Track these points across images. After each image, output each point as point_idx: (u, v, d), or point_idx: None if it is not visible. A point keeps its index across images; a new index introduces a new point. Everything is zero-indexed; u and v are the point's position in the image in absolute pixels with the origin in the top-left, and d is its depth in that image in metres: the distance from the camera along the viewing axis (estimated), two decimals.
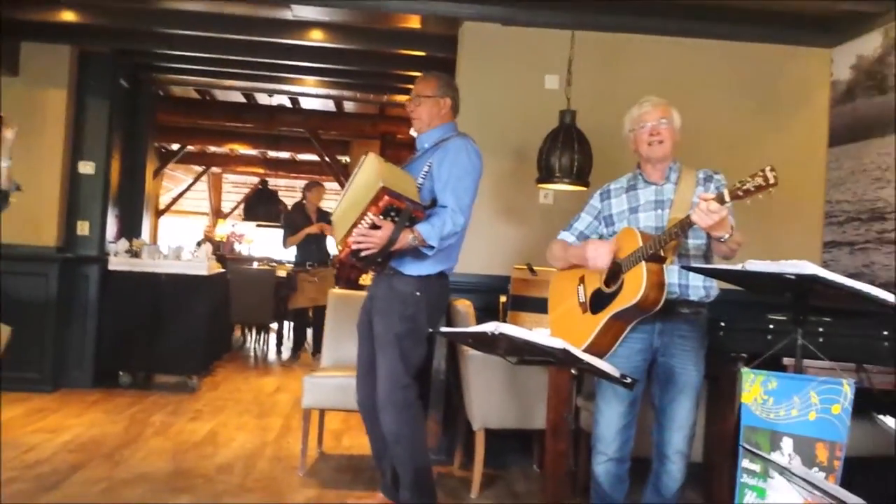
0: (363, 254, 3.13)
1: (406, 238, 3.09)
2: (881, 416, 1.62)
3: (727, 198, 2.44)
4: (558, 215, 4.23)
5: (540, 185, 4.35)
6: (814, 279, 2.08)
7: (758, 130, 4.69)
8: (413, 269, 3.25)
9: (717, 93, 4.71)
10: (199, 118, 9.76)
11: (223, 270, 7.57)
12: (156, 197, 10.80)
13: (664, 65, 4.67)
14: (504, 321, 3.63)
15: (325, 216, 7.55)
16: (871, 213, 4.27)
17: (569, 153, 4.12)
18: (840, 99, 4.62)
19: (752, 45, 4.72)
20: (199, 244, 7.01)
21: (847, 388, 2.05)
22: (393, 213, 3.05)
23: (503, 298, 4.34)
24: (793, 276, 2.11)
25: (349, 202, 3.25)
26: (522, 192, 4.61)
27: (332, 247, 7.72)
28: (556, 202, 4.61)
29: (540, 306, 3.77)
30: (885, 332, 2.94)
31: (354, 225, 3.11)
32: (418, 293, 3.25)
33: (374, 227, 3.06)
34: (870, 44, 4.36)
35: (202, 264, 6.33)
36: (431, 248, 3.14)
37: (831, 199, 4.63)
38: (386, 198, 3.00)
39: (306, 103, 9.23)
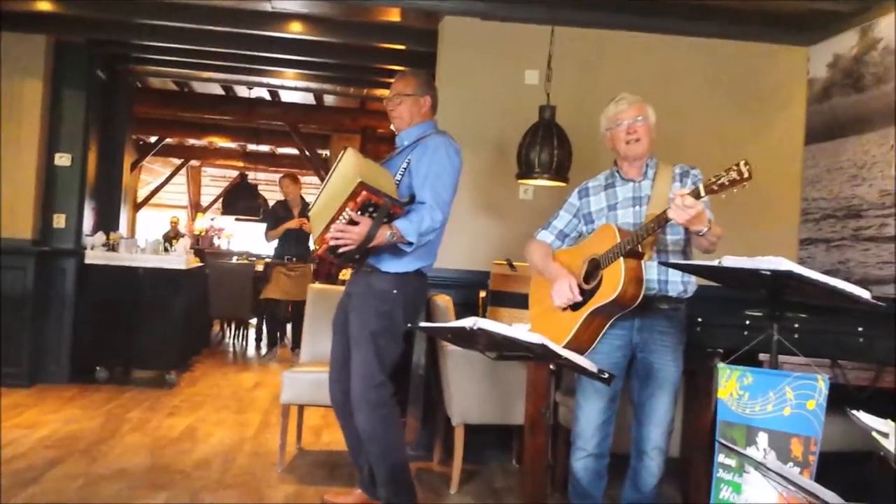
0: (341, 250, 3.11)
1: (384, 234, 3.08)
2: (854, 412, 1.63)
3: (702, 192, 2.46)
4: (538, 211, 4.24)
5: (520, 181, 4.35)
6: (789, 275, 2.10)
7: (735, 128, 4.73)
8: (391, 266, 3.24)
9: (695, 90, 4.74)
10: (177, 110, 9.68)
11: (202, 265, 7.51)
12: (134, 190, 10.71)
13: (643, 61, 4.69)
14: (484, 316, 3.63)
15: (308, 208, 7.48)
16: (846, 210, 4.32)
17: (548, 149, 4.13)
18: (817, 97, 4.66)
19: (730, 43, 4.75)
20: (165, 237, 6.93)
21: (822, 384, 2.07)
22: (371, 209, 3.03)
23: (483, 294, 4.35)
24: (768, 273, 2.13)
25: (327, 198, 3.23)
26: (502, 188, 4.62)
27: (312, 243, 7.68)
28: (536, 198, 4.61)
29: (519, 301, 3.78)
30: (860, 329, 2.98)
31: (332, 221, 3.09)
32: (395, 291, 3.24)
33: (352, 222, 3.05)
34: (846, 43, 4.40)
35: (180, 258, 6.28)
36: (410, 244, 3.14)
37: (808, 197, 4.68)
38: (364, 193, 2.99)
39: (286, 96, 9.17)
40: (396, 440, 3.30)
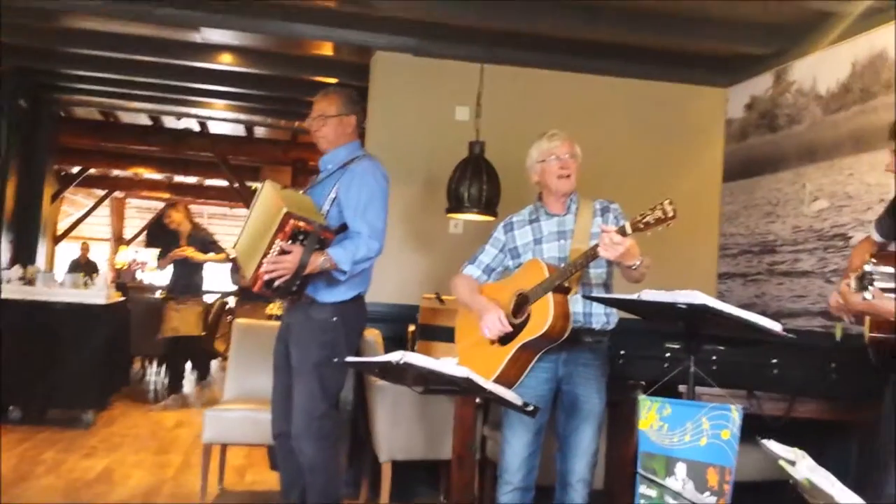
0: (276, 283, 3.06)
1: (317, 261, 3.05)
2: (763, 440, 1.68)
3: (629, 230, 2.52)
4: (467, 245, 4.25)
5: (449, 215, 4.38)
6: (704, 309, 2.17)
7: (657, 165, 4.87)
8: (328, 296, 3.20)
9: (619, 128, 4.87)
10: (102, 140, 9.45)
11: (123, 299, 7.28)
12: (53, 222, 10.36)
13: (569, 100, 4.81)
14: (413, 350, 3.62)
15: (199, 239, 6.99)
16: (762, 245, 4.48)
17: (478, 183, 4.19)
18: (734, 136, 4.85)
19: (652, 83, 4.91)
20: (74, 264, 6.65)
21: (735, 414, 2.12)
22: (301, 237, 3.01)
23: (412, 328, 4.33)
24: (684, 306, 2.19)
25: (253, 234, 3.18)
26: (432, 222, 4.64)
27: (208, 276, 7.41)
28: (466, 232, 4.65)
29: (449, 336, 3.76)
30: (774, 360, 3.07)
31: (264, 255, 3.04)
32: (335, 319, 3.20)
33: (284, 252, 3.02)
34: (762, 85, 4.60)
35: (100, 293, 6.08)
36: (343, 272, 3.11)
37: (726, 232, 4.84)
38: (291, 222, 2.97)
39: (215, 127, 9.06)
40: (337, 474, 3.24)
